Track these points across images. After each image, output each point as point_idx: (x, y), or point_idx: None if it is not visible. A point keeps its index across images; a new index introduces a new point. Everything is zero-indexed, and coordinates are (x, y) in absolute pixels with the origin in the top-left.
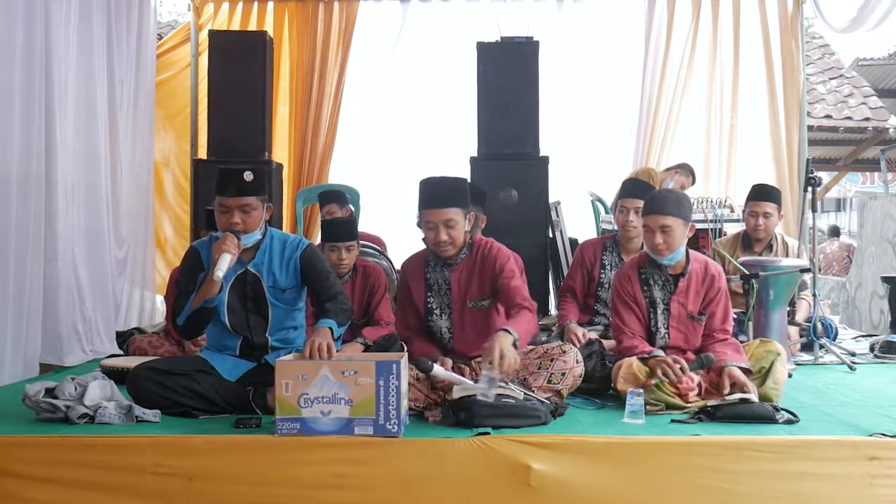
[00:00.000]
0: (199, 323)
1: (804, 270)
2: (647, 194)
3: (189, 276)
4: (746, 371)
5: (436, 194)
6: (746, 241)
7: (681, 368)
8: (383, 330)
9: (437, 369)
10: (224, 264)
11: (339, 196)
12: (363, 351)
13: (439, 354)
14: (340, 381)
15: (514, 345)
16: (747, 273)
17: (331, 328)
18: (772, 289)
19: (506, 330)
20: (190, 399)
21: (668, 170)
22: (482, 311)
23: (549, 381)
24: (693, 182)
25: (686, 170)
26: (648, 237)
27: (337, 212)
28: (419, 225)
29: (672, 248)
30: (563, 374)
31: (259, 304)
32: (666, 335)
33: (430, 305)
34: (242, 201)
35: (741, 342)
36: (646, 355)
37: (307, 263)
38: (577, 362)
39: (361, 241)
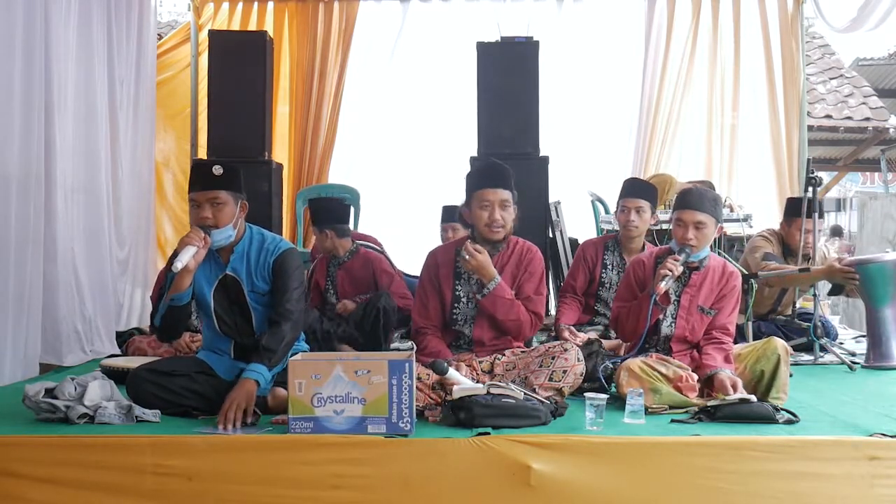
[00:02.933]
0: (173, 323)
1: (802, 270)
2: (648, 194)
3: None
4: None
5: (493, 174)
6: (788, 249)
7: (674, 258)
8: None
9: (453, 372)
10: (186, 256)
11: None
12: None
13: (452, 356)
14: (353, 380)
15: None
16: (745, 273)
17: (257, 381)
18: (877, 283)
19: None
20: (190, 399)
21: (690, 182)
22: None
23: (550, 379)
24: None
25: (707, 186)
26: (680, 231)
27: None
28: (462, 210)
29: (701, 245)
30: (565, 372)
31: (242, 307)
32: (672, 324)
33: (457, 293)
34: (211, 195)
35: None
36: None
37: (276, 271)
38: (579, 360)
39: (362, 242)
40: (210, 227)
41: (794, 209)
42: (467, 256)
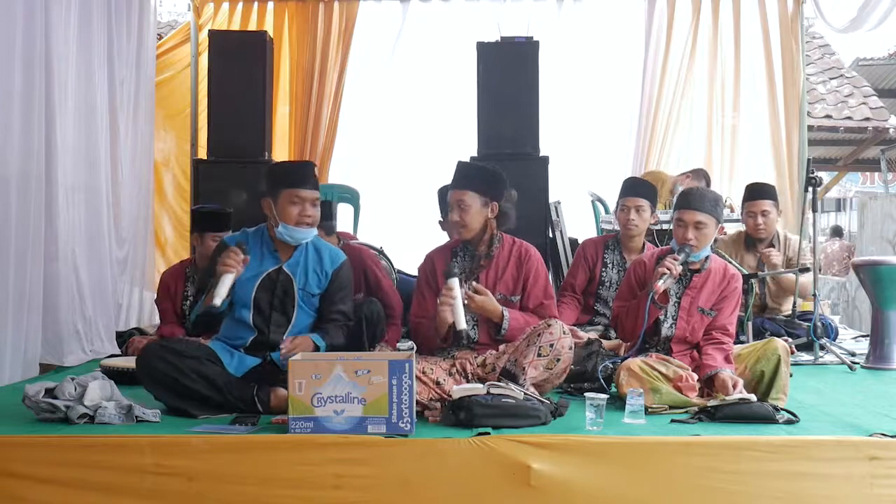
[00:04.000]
0: (208, 324)
1: (803, 270)
2: (648, 193)
3: (212, 273)
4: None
5: (456, 175)
6: (749, 241)
7: (673, 258)
8: (395, 327)
9: (456, 281)
10: (224, 289)
11: None
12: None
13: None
14: (354, 380)
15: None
16: (746, 273)
17: (317, 345)
18: (887, 285)
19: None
20: (196, 383)
21: (682, 174)
22: (509, 305)
23: (538, 355)
24: (707, 186)
25: (699, 174)
26: (680, 231)
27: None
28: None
29: (702, 245)
30: (552, 346)
31: (286, 304)
32: (673, 326)
33: None
34: (315, 194)
35: (741, 342)
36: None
37: (336, 279)
38: (564, 333)
39: (362, 242)
40: (312, 225)
41: (746, 194)
42: (465, 301)
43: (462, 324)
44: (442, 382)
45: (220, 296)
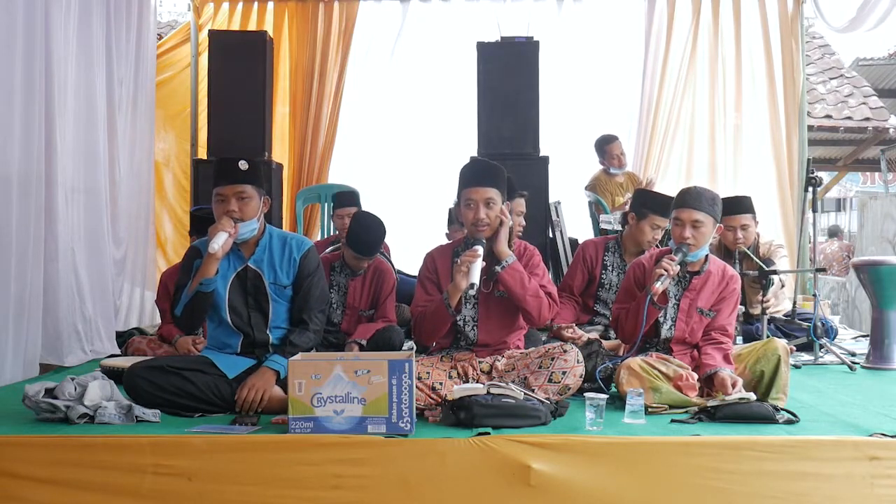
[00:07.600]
0: (196, 311)
1: (819, 270)
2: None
3: (187, 272)
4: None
5: (479, 173)
6: (726, 252)
7: (669, 258)
8: (379, 325)
9: (481, 249)
10: (219, 240)
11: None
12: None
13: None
14: (353, 380)
15: None
16: (765, 269)
17: (278, 372)
18: (886, 285)
19: None
20: (182, 398)
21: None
22: (509, 301)
23: (549, 381)
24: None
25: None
26: (677, 230)
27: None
28: (455, 210)
29: (699, 244)
30: (564, 374)
31: (259, 300)
32: (672, 328)
33: None
34: (238, 188)
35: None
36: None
37: (304, 267)
38: (578, 362)
39: None
40: (236, 218)
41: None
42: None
43: (476, 279)
44: (438, 387)
45: (217, 243)
